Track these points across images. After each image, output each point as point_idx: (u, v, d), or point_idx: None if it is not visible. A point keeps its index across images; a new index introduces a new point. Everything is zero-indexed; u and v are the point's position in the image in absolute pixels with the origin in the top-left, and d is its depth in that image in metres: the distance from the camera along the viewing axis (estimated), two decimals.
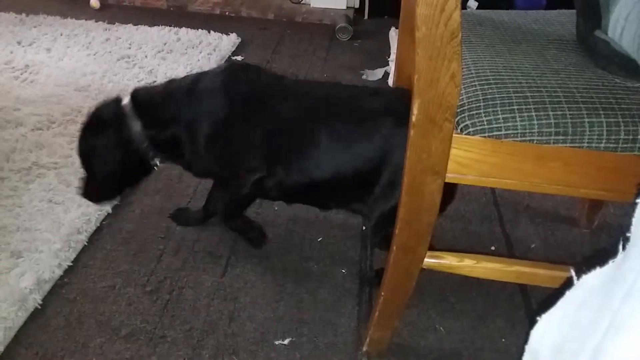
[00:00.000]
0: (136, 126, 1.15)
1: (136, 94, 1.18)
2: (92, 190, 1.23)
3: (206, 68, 2.23)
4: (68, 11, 2.77)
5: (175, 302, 1.20)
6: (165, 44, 2.46)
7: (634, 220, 0.39)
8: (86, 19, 2.66)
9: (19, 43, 2.36)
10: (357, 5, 3.05)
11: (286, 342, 1.13)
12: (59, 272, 1.24)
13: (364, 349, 1.11)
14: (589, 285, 0.42)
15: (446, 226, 1.46)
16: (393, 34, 2.64)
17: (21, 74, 2.08)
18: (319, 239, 1.40)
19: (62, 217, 1.38)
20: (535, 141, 0.79)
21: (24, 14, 2.67)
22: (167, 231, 1.40)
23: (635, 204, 0.39)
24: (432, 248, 0.94)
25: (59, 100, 1.91)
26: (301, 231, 1.42)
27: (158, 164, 1.23)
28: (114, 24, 2.65)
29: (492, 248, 1.40)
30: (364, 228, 1.44)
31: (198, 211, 1.41)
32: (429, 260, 0.95)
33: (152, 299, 1.20)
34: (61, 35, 2.47)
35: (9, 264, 1.23)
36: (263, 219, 1.44)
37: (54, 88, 2.00)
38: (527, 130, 0.79)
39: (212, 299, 1.22)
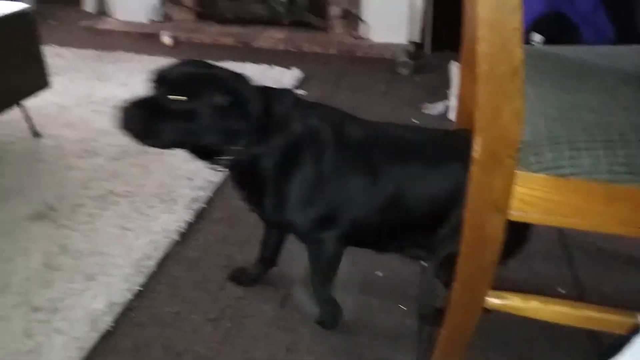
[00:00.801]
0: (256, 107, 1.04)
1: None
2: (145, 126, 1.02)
3: None
4: (143, 48, 2.95)
5: (236, 330, 1.23)
6: None
7: None
8: (159, 55, 2.82)
9: (98, 78, 2.53)
10: (418, 40, 3.08)
11: None
12: (128, 296, 1.30)
13: None
14: None
15: (511, 265, 1.41)
16: (454, 68, 2.63)
17: (100, 107, 2.23)
18: (380, 274, 1.40)
19: (133, 243, 1.45)
20: (603, 180, 0.77)
21: (102, 51, 2.87)
22: (229, 260, 1.44)
23: None
24: (496, 287, 0.92)
25: None
26: (361, 265, 1.42)
27: (220, 165, 1.09)
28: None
29: (560, 290, 1.35)
30: (425, 265, 1.42)
31: (255, 266, 1.35)
32: (492, 300, 0.93)
33: (214, 326, 1.24)
34: (136, 70, 2.63)
35: (83, 286, 1.31)
36: None
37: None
38: (595, 169, 0.77)
39: (272, 328, 1.24)
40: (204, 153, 1.08)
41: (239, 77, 1.08)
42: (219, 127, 1.02)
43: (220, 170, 1.12)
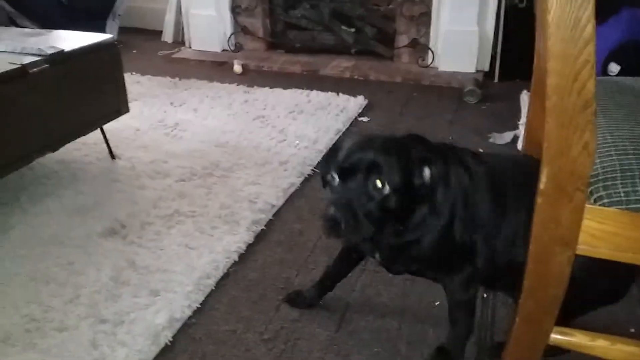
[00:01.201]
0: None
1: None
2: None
3: (333, 128, 2.35)
4: (214, 75, 3.09)
5: (289, 352, 1.23)
6: (296, 105, 2.63)
7: None
8: (229, 83, 2.95)
9: (171, 104, 2.66)
10: (486, 69, 3.04)
11: None
12: (188, 313, 1.34)
13: None
14: None
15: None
16: (524, 97, 2.57)
17: (171, 131, 2.34)
18: (437, 303, 1.36)
19: (195, 262, 1.50)
20: None
21: (177, 78, 3.03)
22: (286, 282, 1.45)
23: None
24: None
25: (201, 155, 2.11)
26: (418, 293, 1.40)
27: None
28: (252, 87, 2.89)
29: (632, 330, 1.26)
30: (484, 296, 1.38)
31: (312, 290, 1.35)
32: (557, 337, 0.89)
33: (268, 347, 1.25)
34: (207, 97, 2.75)
35: (148, 301, 1.36)
36: (382, 277, 1.44)
37: (197, 144, 2.21)
38: None
39: (325, 353, 1.23)
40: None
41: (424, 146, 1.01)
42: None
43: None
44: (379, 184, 0.92)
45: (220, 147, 2.19)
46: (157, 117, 2.49)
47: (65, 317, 1.31)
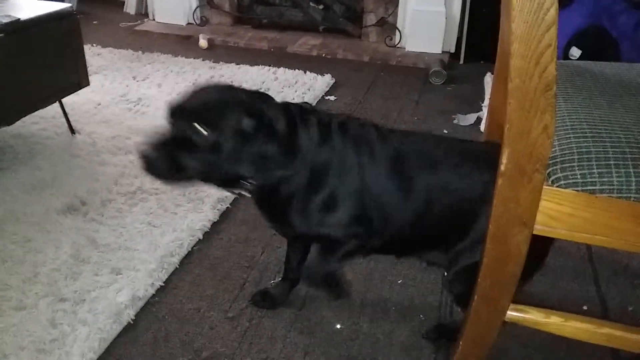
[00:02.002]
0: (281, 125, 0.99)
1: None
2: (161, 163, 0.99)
3: None
4: (179, 50, 3.02)
5: (254, 330, 1.24)
6: (263, 82, 2.60)
7: None
8: (194, 58, 2.88)
9: (134, 78, 2.59)
10: (452, 50, 3.06)
11: None
12: (151, 291, 1.32)
13: None
14: None
15: (534, 280, 1.39)
16: (488, 80, 2.61)
17: (134, 106, 2.28)
18: (399, 281, 1.39)
19: (158, 240, 1.48)
20: (632, 198, 0.76)
21: (140, 51, 2.95)
22: (251, 260, 1.45)
23: None
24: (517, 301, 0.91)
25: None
26: (382, 271, 1.42)
27: (244, 192, 1.07)
28: (218, 62, 2.84)
29: (584, 307, 1.32)
30: (445, 274, 1.41)
31: (280, 286, 1.31)
32: (513, 314, 0.92)
33: (233, 325, 1.25)
34: (171, 72, 2.68)
35: (109, 280, 1.34)
36: None
37: (162, 120, 2.16)
38: (624, 187, 0.76)
39: (289, 330, 1.24)
40: (230, 181, 1.04)
41: (261, 97, 1.05)
42: (247, 155, 0.98)
43: (243, 196, 1.09)
44: (199, 128, 0.94)
45: None
46: (119, 92, 2.42)
47: (23, 296, 1.27)
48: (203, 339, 1.21)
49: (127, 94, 2.40)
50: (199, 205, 1.64)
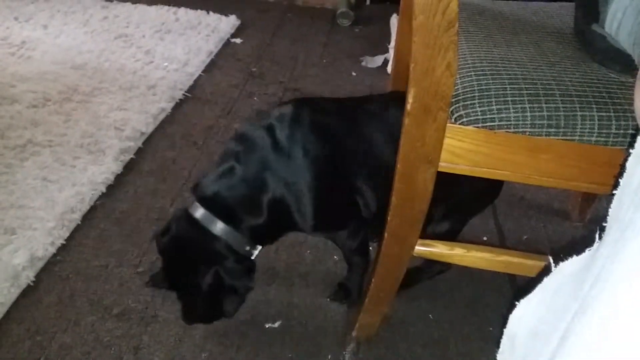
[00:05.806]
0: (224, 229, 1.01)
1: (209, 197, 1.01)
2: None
3: (204, 49, 2.23)
4: None
5: None
6: (163, 24, 2.44)
7: (610, 211, 0.40)
8: None
9: (16, 19, 2.33)
10: None
11: (276, 325, 1.14)
12: (52, 250, 1.25)
13: (353, 333, 1.12)
14: (566, 272, 0.43)
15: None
16: (394, 21, 2.62)
17: (17, 51, 2.07)
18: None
19: (56, 196, 1.38)
20: (527, 133, 0.79)
21: None
22: (160, 212, 1.40)
23: (612, 195, 0.40)
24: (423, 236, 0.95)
25: (55, 78, 1.90)
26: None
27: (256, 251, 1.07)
28: (112, 1, 2.62)
29: (484, 239, 1.41)
30: None
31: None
32: (420, 248, 0.96)
33: (144, 279, 1.21)
34: (58, 12, 2.44)
35: (3, 241, 1.24)
36: None
37: (50, 65, 1.98)
38: (520, 122, 0.79)
39: None
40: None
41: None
42: (228, 286, 1.03)
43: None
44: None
45: (78, 69, 1.98)
46: None
47: None
48: (113, 295, 1.17)
49: (9, 37, 2.16)
50: (100, 157, 1.54)
